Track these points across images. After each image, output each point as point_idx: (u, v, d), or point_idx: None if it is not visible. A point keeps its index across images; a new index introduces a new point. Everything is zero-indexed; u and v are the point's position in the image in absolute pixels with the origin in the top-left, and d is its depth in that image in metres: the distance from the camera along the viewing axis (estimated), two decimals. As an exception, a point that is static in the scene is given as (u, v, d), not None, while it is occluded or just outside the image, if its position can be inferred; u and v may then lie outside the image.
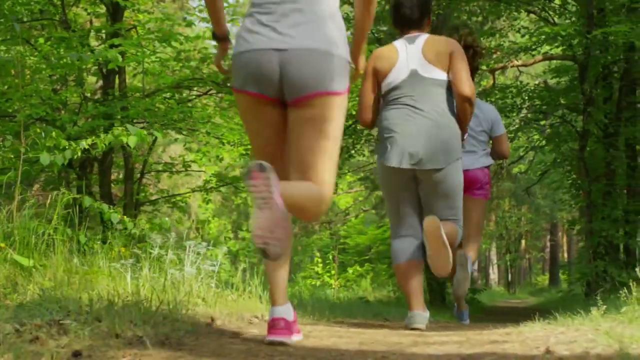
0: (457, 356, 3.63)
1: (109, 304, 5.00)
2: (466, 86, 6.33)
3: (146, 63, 14.31)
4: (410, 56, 6.55)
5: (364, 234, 33.61)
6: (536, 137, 21.80)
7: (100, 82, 16.75)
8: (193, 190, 17.15)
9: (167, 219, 8.70)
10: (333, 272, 29.10)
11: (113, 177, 15.96)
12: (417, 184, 6.49)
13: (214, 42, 15.43)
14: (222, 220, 42.30)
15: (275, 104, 4.18)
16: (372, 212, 34.53)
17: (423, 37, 6.62)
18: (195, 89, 14.86)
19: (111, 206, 6.74)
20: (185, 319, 4.94)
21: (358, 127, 19.61)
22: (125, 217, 6.78)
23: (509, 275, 50.52)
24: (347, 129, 19.16)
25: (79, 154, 6.96)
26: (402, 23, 6.50)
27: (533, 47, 16.47)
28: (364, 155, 21.89)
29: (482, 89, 25.54)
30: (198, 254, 6.33)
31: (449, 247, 6.11)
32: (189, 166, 15.95)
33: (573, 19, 17.20)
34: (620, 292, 13.99)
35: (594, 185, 15.88)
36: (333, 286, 25.30)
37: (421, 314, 6.43)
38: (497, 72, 25.23)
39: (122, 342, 4.05)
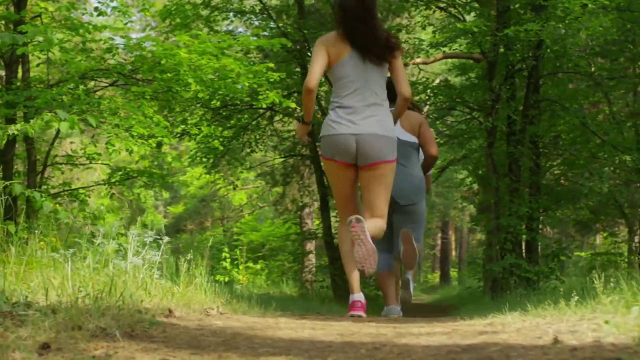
0: (457, 347, 3.50)
1: (58, 295, 4.78)
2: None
3: (51, 52, 13.90)
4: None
5: (258, 231, 33.53)
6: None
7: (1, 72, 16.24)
8: (97, 184, 16.75)
9: (102, 207, 8.41)
10: (241, 267, 28.91)
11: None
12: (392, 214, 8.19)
13: (116, 36, 14.97)
14: (118, 215, 41.49)
15: (352, 167, 6.50)
16: (267, 209, 34.40)
17: None
18: (101, 79, 14.48)
19: (42, 194, 6.44)
20: (142, 311, 4.73)
21: (262, 123, 19.50)
22: (57, 205, 6.49)
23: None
24: (251, 125, 19.01)
25: (6, 139, 6.64)
26: (390, 99, 7.07)
27: (444, 43, 16.47)
28: (266, 151, 21.74)
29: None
30: (143, 243, 6.12)
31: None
32: (94, 159, 15.55)
33: (476, 15, 17.32)
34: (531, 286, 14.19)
35: (501, 181, 15.98)
36: (241, 282, 25.10)
37: (395, 308, 8.22)
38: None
39: (87, 334, 3.83)
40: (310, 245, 26.76)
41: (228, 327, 4.63)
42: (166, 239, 6.46)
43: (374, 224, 6.44)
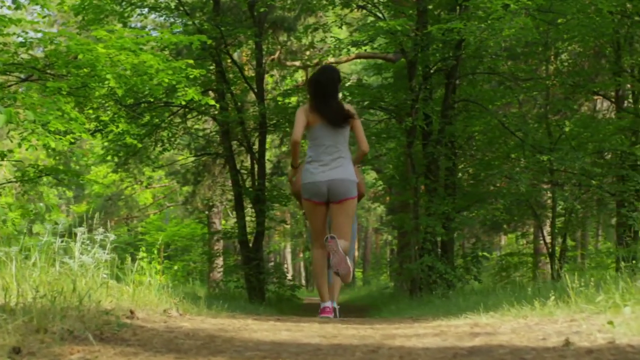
0: (461, 349, 3.36)
1: (10, 296, 4.52)
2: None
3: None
4: None
5: (163, 231, 33.19)
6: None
7: None
8: (8, 182, 16.31)
9: (42, 204, 8.08)
10: (158, 267, 28.51)
11: None
12: None
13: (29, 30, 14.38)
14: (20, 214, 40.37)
15: (324, 204, 8.30)
16: (172, 208, 34.05)
17: None
18: (14, 74, 14.05)
19: (-22, 191, 6.12)
20: (107, 312, 4.49)
21: (175, 121, 19.20)
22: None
23: (306, 273, 50.83)
24: (164, 122, 18.71)
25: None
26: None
27: (365, 41, 16.32)
28: (178, 149, 21.42)
29: (296, 83, 25.53)
30: (91, 241, 5.87)
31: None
32: (5, 156, 15.11)
33: (393, 15, 17.30)
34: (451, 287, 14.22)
35: (420, 181, 15.94)
36: (159, 282, 24.67)
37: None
38: (310, 69, 25.28)
39: (56, 337, 3.62)
40: (218, 245, 26.52)
41: (199, 329, 4.43)
42: (112, 236, 6.23)
43: (343, 243, 8.08)
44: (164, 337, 4.04)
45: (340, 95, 13.80)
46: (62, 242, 5.85)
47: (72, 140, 14.11)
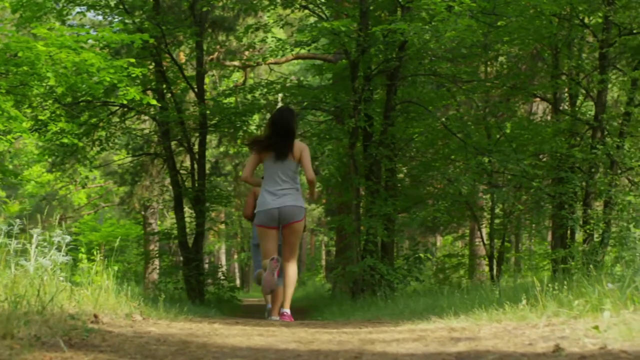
0: (448, 355, 3.29)
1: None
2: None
3: None
4: None
5: (98, 231, 32.82)
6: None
7: None
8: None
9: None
10: (98, 268, 28.11)
11: None
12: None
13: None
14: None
15: (276, 228, 9.03)
16: (107, 209, 33.70)
17: None
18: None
19: None
20: (74, 317, 4.36)
21: (114, 120, 18.96)
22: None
23: (241, 274, 50.55)
24: (101, 121, 18.47)
25: None
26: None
27: (308, 42, 16.24)
28: (116, 149, 21.17)
29: (233, 84, 25.41)
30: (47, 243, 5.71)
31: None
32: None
33: (333, 14, 17.29)
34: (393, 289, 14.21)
35: (362, 183, 15.89)
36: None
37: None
38: (248, 70, 25.17)
39: (24, 343, 3.49)
40: (155, 246, 26.26)
41: (168, 334, 4.32)
42: (68, 238, 6.08)
43: (293, 275, 9.24)
44: (135, 342, 3.93)
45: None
46: (17, 243, 5.68)
47: (12, 140, 13.88)
